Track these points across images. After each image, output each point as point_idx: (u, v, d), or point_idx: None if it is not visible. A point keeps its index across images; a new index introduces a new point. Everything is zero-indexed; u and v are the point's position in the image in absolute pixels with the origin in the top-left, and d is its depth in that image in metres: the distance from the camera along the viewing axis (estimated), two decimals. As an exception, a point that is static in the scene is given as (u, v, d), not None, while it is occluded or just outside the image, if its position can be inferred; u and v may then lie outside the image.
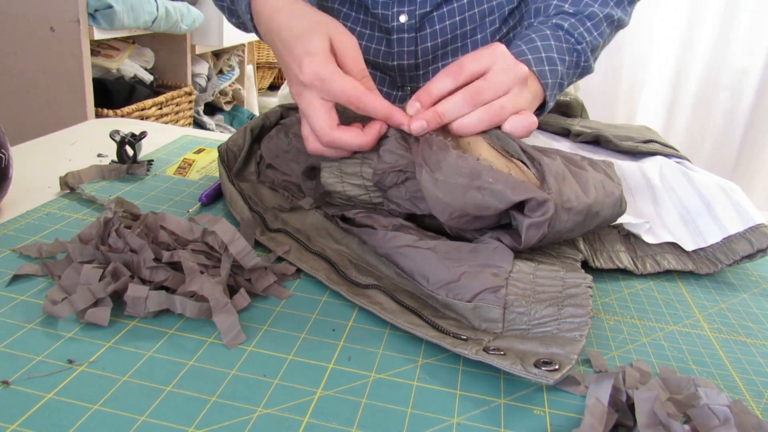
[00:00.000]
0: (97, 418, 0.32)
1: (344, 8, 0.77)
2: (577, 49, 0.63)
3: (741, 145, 2.46)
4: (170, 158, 0.72)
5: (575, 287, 0.42)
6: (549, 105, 0.61)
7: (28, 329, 0.38)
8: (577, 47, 0.63)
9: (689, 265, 0.55)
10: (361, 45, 0.77)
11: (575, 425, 0.34)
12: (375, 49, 0.77)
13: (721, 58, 2.37)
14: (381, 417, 0.34)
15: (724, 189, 0.57)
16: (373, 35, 0.77)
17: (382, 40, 0.76)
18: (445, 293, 0.42)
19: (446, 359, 0.40)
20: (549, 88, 0.59)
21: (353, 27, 0.78)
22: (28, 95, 1.62)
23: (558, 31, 0.63)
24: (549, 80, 0.59)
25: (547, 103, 0.60)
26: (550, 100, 0.61)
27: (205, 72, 2.30)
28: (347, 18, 0.78)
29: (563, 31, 0.63)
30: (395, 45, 0.75)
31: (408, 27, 0.73)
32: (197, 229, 0.45)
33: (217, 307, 0.40)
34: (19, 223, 0.51)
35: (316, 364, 0.38)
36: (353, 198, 0.54)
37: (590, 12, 0.65)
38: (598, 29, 0.65)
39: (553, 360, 0.36)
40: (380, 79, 0.82)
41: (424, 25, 0.73)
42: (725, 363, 0.43)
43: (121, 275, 0.41)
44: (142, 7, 1.70)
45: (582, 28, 0.64)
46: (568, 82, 0.63)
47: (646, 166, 0.62)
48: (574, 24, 0.63)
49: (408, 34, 0.74)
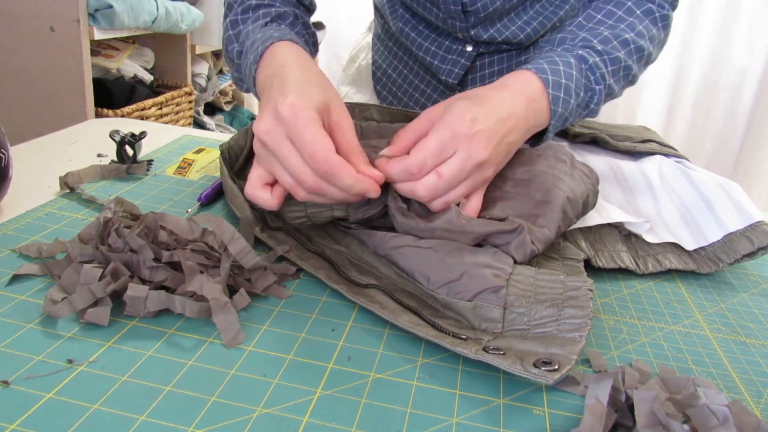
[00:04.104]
0: (97, 417, 0.32)
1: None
2: (594, 89, 0.59)
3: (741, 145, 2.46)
4: (170, 158, 0.72)
5: (575, 290, 0.42)
6: (548, 136, 0.58)
7: (28, 329, 0.38)
8: (594, 87, 0.59)
9: (690, 265, 0.55)
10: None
11: (575, 425, 0.34)
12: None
13: (721, 58, 2.37)
14: (380, 417, 0.34)
15: (723, 187, 0.58)
16: None
17: None
18: (445, 292, 0.42)
19: (446, 359, 0.40)
20: (555, 117, 0.56)
21: None
22: (28, 95, 1.62)
23: (582, 64, 0.59)
24: (559, 109, 0.55)
25: (548, 132, 0.57)
26: (551, 131, 0.57)
27: (205, 72, 2.30)
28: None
29: (586, 66, 0.59)
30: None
31: None
32: (197, 228, 0.45)
33: (216, 306, 0.40)
34: (19, 223, 0.51)
35: (315, 364, 0.38)
36: (312, 216, 0.51)
37: (615, 57, 0.61)
38: (616, 76, 0.61)
39: (553, 360, 0.36)
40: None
41: None
42: (724, 363, 0.43)
43: (121, 275, 0.41)
44: (142, 7, 1.70)
45: (605, 70, 0.60)
46: (572, 120, 0.59)
47: (645, 165, 0.62)
48: (599, 63, 0.59)
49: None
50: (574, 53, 0.59)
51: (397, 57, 0.90)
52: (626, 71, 0.62)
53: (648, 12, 0.64)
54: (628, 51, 0.62)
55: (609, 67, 0.60)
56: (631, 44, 0.62)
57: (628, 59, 0.61)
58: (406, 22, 0.84)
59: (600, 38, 0.61)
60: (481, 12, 0.76)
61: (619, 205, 0.60)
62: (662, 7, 0.64)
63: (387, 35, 0.91)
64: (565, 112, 0.56)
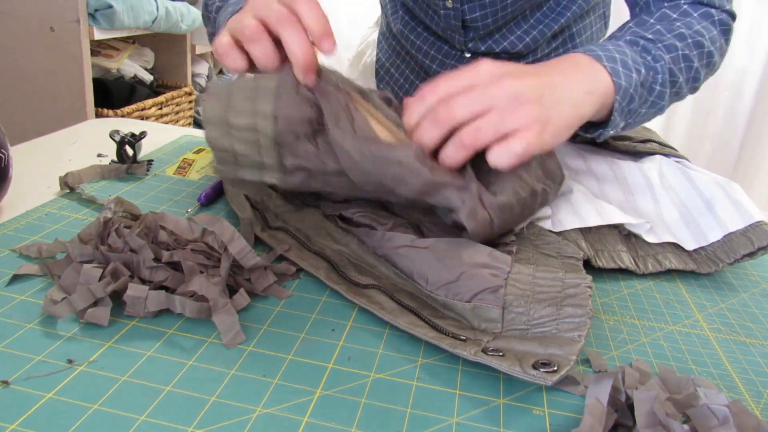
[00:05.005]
0: (97, 417, 0.32)
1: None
2: (654, 67, 0.55)
3: (741, 145, 2.46)
4: (170, 158, 0.72)
5: (574, 287, 0.42)
6: (616, 121, 0.53)
7: (28, 329, 0.38)
8: (655, 66, 0.55)
9: (690, 265, 0.55)
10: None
11: (575, 425, 0.34)
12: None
13: (721, 58, 2.36)
14: (380, 417, 0.34)
15: (723, 187, 0.58)
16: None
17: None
18: (444, 293, 0.42)
19: (446, 359, 0.40)
20: (620, 93, 0.51)
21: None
22: (28, 95, 1.62)
23: (633, 46, 0.56)
24: (623, 82, 0.51)
25: (614, 115, 0.52)
26: (619, 113, 0.52)
27: (205, 72, 2.30)
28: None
29: (639, 47, 0.56)
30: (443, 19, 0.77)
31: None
32: (197, 228, 0.45)
33: (216, 306, 0.40)
34: (19, 223, 0.51)
35: (315, 364, 0.38)
36: (239, 157, 0.45)
37: (671, 44, 0.57)
38: (677, 65, 0.57)
39: (552, 361, 0.36)
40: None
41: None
42: (724, 363, 0.43)
43: (121, 275, 0.41)
44: (142, 7, 1.70)
45: (661, 53, 0.56)
46: (639, 104, 0.54)
47: (645, 165, 0.62)
48: (650, 47, 0.56)
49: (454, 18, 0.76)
50: (622, 40, 0.56)
51: (399, 56, 0.90)
52: (687, 62, 0.57)
53: (706, 15, 0.61)
54: (687, 44, 0.58)
55: (666, 54, 0.56)
56: (689, 38, 0.58)
57: (687, 50, 0.57)
58: (405, 24, 0.84)
59: (652, 31, 0.58)
60: (481, 29, 0.76)
61: (619, 205, 0.60)
62: (721, 13, 0.62)
63: (390, 34, 0.91)
64: (630, 88, 0.52)
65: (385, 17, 0.92)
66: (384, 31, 0.94)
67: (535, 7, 0.76)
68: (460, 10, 0.74)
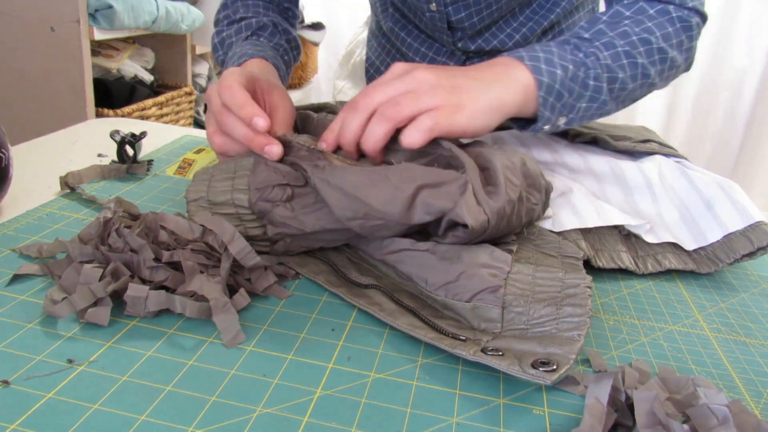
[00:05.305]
0: (97, 417, 0.32)
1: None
2: (585, 62, 0.56)
3: (741, 145, 2.46)
4: (170, 158, 0.72)
5: (574, 287, 0.42)
6: (545, 115, 0.54)
7: (28, 329, 0.38)
8: (586, 61, 0.56)
9: (690, 265, 0.55)
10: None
11: (575, 425, 0.34)
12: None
13: (721, 58, 2.37)
14: (380, 417, 0.34)
15: (723, 187, 0.58)
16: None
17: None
18: (443, 294, 0.42)
19: (446, 359, 0.40)
20: (543, 88, 0.53)
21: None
22: (28, 95, 1.62)
23: (564, 45, 0.57)
24: (544, 78, 0.53)
25: (541, 110, 0.54)
26: (545, 107, 0.54)
27: (206, 72, 2.30)
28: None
29: (570, 45, 0.57)
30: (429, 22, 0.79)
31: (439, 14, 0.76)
32: (197, 228, 0.45)
33: (216, 306, 0.40)
34: (19, 223, 0.51)
35: (315, 364, 0.38)
36: (211, 192, 0.50)
37: (609, 42, 0.57)
38: (617, 61, 0.57)
39: (551, 360, 0.36)
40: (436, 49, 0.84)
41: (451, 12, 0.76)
42: (724, 363, 0.43)
43: (121, 275, 0.41)
44: (142, 7, 1.70)
45: (596, 50, 0.56)
46: (574, 99, 0.55)
47: (645, 165, 0.62)
48: (583, 44, 0.57)
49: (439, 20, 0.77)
50: (555, 41, 0.58)
51: (390, 54, 0.90)
52: (629, 58, 0.58)
53: (663, 11, 0.61)
54: (630, 42, 0.58)
55: (603, 51, 0.57)
56: (633, 36, 0.58)
57: (629, 48, 0.58)
58: (395, 22, 0.84)
59: (592, 31, 0.58)
60: (467, 29, 0.76)
61: (618, 205, 0.61)
62: (681, 9, 0.61)
63: (380, 32, 0.91)
64: (555, 85, 0.53)
65: (374, 16, 0.92)
66: (374, 29, 0.94)
67: (524, 5, 0.76)
68: (444, 13, 0.75)
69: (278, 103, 0.56)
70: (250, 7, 0.78)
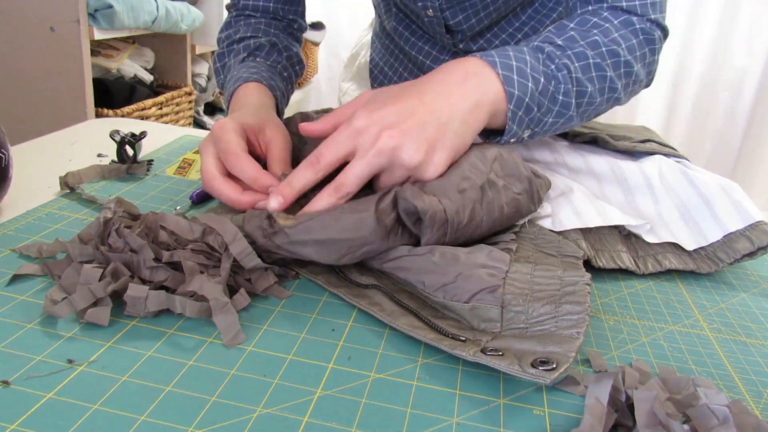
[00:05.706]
0: (97, 417, 0.32)
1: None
2: (556, 76, 0.54)
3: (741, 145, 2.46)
4: (170, 158, 0.72)
5: (572, 285, 0.42)
6: (513, 129, 0.53)
7: (28, 329, 0.38)
8: (557, 75, 0.54)
9: (690, 265, 0.55)
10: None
11: (575, 425, 0.34)
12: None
13: (721, 58, 2.37)
14: (381, 417, 0.34)
15: (723, 187, 0.58)
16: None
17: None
18: (442, 295, 0.42)
19: (446, 359, 0.40)
20: (513, 102, 0.51)
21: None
22: (28, 95, 1.62)
23: (538, 53, 0.55)
24: (515, 91, 0.51)
25: (509, 124, 0.52)
26: (513, 122, 0.52)
27: (205, 72, 2.30)
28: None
29: (543, 54, 0.55)
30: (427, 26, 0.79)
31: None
32: (197, 228, 0.45)
33: (216, 306, 0.40)
34: (19, 223, 0.51)
35: (315, 364, 0.38)
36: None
37: (581, 52, 0.56)
38: (587, 74, 0.56)
39: (551, 359, 0.36)
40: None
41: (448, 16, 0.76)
42: (724, 363, 0.43)
43: (121, 275, 0.41)
44: (142, 7, 1.70)
45: (567, 61, 0.55)
46: (543, 113, 0.54)
47: (645, 165, 0.62)
48: (556, 53, 0.55)
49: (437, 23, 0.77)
50: (529, 46, 0.56)
51: (393, 55, 0.90)
52: (599, 71, 0.56)
53: (627, 23, 0.59)
54: (599, 53, 0.57)
55: (575, 62, 0.55)
56: (603, 47, 0.57)
57: (599, 59, 0.56)
58: (399, 21, 0.84)
59: (565, 37, 0.57)
60: (467, 32, 0.76)
61: (618, 204, 0.61)
62: (644, 21, 0.60)
63: (384, 33, 0.91)
64: (525, 97, 0.52)
65: (378, 17, 0.93)
66: (377, 31, 0.94)
67: (526, 5, 0.75)
68: (441, 18, 0.75)
69: (271, 138, 0.57)
70: (251, 25, 0.78)
